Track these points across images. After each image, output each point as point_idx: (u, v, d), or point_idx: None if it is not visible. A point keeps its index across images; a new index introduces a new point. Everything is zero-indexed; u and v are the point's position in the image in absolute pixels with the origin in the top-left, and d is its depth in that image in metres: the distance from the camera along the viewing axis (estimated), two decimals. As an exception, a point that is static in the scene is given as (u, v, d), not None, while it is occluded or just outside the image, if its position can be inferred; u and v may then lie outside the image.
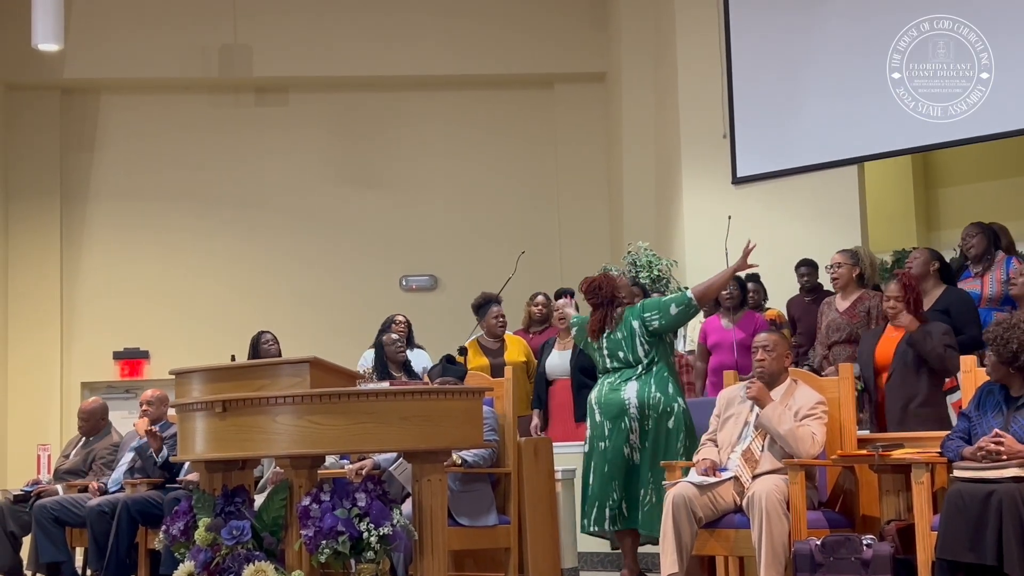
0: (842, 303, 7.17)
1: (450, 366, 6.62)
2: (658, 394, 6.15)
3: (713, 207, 10.00)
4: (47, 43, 10.51)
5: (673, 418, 6.13)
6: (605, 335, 6.37)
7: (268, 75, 12.40)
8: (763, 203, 10.24)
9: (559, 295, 8.47)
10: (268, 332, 8.28)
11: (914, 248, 9.96)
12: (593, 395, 6.38)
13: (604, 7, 12.54)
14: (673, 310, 6.24)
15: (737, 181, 10.40)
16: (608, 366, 6.34)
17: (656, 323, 6.24)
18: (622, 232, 11.74)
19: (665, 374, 6.23)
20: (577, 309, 8.37)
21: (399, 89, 12.65)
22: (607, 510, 6.18)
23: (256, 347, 8.15)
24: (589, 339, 6.43)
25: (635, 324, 6.26)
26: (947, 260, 7.07)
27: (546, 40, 12.49)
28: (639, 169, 11.83)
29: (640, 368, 6.23)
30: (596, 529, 6.30)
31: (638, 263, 9.99)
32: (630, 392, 6.18)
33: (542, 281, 10.73)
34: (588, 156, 12.61)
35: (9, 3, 11.66)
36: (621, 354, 6.28)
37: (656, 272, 10.07)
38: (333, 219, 12.47)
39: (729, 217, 8.48)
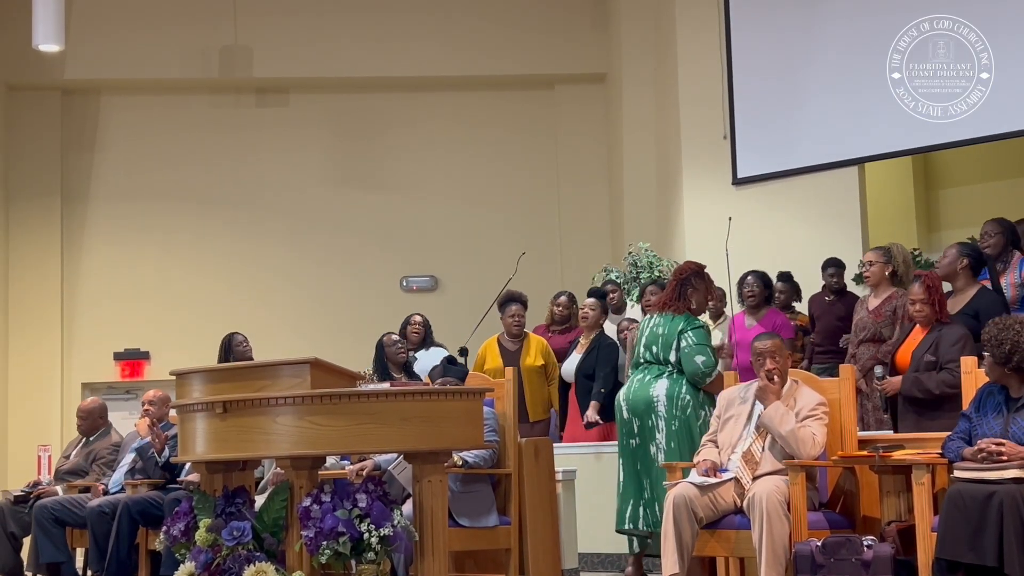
0: (873, 301, 7.13)
1: (451, 367, 6.62)
2: (687, 395, 6.16)
3: (713, 208, 10.00)
4: (48, 44, 10.51)
5: (701, 421, 6.14)
6: (651, 320, 6.37)
7: (268, 76, 12.41)
8: (763, 204, 10.24)
9: (593, 294, 8.50)
10: (240, 333, 8.27)
11: (915, 249, 9.99)
12: (621, 393, 6.40)
13: (604, 7, 12.54)
14: (698, 360, 6.17)
15: (737, 182, 10.40)
16: (641, 357, 6.36)
17: (683, 344, 6.22)
18: (622, 233, 11.74)
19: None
20: (605, 313, 8.41)
21: (399, 90, 12.65)
22: (641, 508, 6.21)
23: (229, 348, 8.13)
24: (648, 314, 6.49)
25: (679, 327, 6.26)
26: (984, 256, 6.82)
27: (546, 40, 12.49)
28: (639, 169, 11.83)
29: (671, 367, 6.23)
30: (630, 527, 6.29)
31: (639, 264, 9.99)
32: (659, 389, 6.20)
33: (542, 282, 10.75)
34: (588, 157, 12.61)
35: (9, 4, 11.66)
36: (655, 348, 6.30)
37: (657, 273, 10.06)
38: (333, 220, 12.47)
39: (730, 218, 8.48)
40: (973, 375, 5.34)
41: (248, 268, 12.37)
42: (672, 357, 6.24)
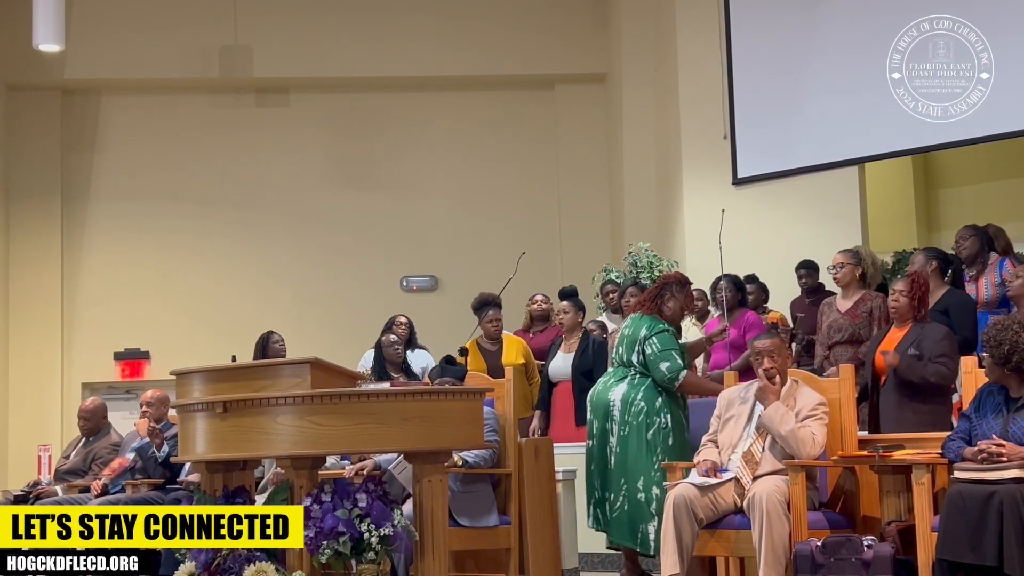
0: (844, 303, 7.15)
1: (449, 366, 6.62)
2: (642, 402, 6.14)
3: (713, 208, 9.96)
4: (48, 44, 10.52)
5: (653, 430, 6.10)
6: (625, 322, 6.40)
7: (268, 76, 12.41)
8: (763, 204, 10.24)
9: (564, 296, 8.50)
10: (276, 332, 8.28)
11: (915, 249, 10.00)
12: (590, 393, 6.41)
13: (604, 7, 12.54)
14: (663, 367, 6.13)
15: (738, 182, 10.40)
16: (612, 358, 6.41)
17: (648, 351, 6.21)
18: (622, 232, 11.74)
19: (658, 386, 6.22)
20: (583, 311, 8.40)
21: (399, 89, 12.66)
22: (593, 507, 6.25)
23: (265, 347, 8.15)
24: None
25: (642, 332, 6.26)
26: (950, 258, 7.04)
27: (546, 40, 12.50)
28: (639, 169, 11.83)
29: (633, 371, 6.23)
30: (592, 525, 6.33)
31: (639, 264, 9.99)
32: (617, 394, 6.20)
33: (543, 281, 10.74)
34: (588, 156, 12.62)
35: (9, 4, 11.67)
36: (621, 349, 6.32)
37: (657, 273, 10.06)
38: (333, 219, 12.48)
39: (723, 210, 8.46)
40: (973, 375, 5.33)
41: (248, 268, 12.37)
42: (635, 359, 6.23)
